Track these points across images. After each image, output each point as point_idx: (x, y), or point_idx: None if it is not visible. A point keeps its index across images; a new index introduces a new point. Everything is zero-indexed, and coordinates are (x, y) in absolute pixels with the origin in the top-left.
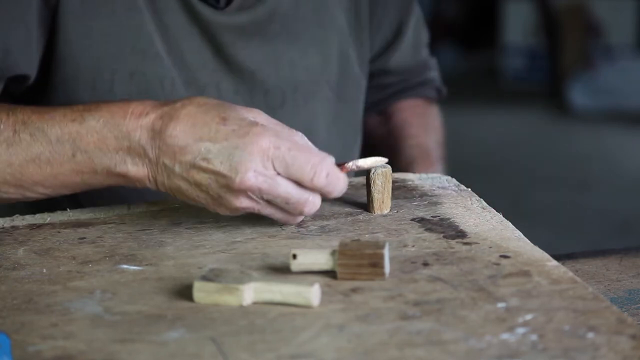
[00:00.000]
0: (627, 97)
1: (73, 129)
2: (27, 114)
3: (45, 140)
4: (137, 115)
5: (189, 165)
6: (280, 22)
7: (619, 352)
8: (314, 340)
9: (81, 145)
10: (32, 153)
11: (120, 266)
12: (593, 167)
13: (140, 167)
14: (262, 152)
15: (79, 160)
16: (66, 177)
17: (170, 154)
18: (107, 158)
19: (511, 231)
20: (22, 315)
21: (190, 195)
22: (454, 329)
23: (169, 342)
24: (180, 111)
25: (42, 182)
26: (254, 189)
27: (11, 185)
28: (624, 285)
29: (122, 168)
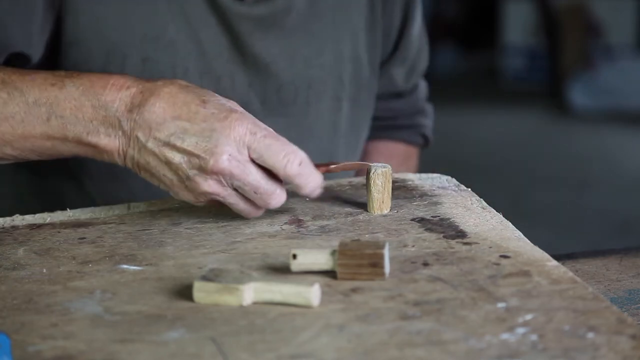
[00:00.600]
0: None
1: (52, 93)
2: (8, 73)
3: (22, 101)
4: (117, 87)
5: (163, 142)
6: (298, 18)
7: (619, 352)
8: (314, 340)
9: (57, 110)
10: (6, 111)
11: (120, 266)
12: (593, 167)
13: (112, 139)
14: (238, 137)
15: (53, 124)
16: (37, 140)
17: (145, 128)
18: (81, 126)
19: (511, 231)
20: (22, 315)
21: (157, 173)
22: (454, 329)
23: (169, 342)
24: (162, 89)
25: (11, 142)
26: (226, 173)
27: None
28: (624, 285)
29: (93, 138)
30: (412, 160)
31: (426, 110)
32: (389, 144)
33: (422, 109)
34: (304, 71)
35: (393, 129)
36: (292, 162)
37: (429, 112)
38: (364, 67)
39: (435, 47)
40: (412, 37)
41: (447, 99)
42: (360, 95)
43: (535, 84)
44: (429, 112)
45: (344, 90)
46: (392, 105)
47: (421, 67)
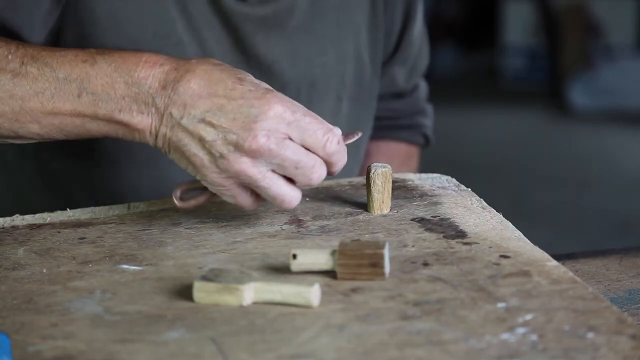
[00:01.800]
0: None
1: (83, 69)
2: (37, 49)
3: (53, 77)
4: (150, 64)
5: (198, 118)
6: (300, 17)
7: (619, 352)
8: (314, 340)
9: (88, 86)
10: (37, 87)
11: (120, 266)
12: (593, 167)
13: (145, 117)
14: (278, 114)
15: (84, 101)
16: (66, 117)
17: (180, 105)
18: (113, 102)
19: (511, 231)
20: (22, 315)
21: (188, 151)
22: (454, 329)
23: (169, 342)
24: (196, 66)
25: (39, 119)
26: (264, 150)
27: (7, 119)
28: (624, 285)
29: (125, 115)
30: (413, 160)
31: (426, 111)
32: (390, 143)
33: (423, 109)
34: (306, 71)
35: (394, 129)
36: (332, 141)
37: (429, 112)
38: (366, 67)
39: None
40: (413, 37)
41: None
42: (362, 95)
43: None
44: (429, 112)
45: (345, 90)
46: (392, 105)
47: (422, 67)
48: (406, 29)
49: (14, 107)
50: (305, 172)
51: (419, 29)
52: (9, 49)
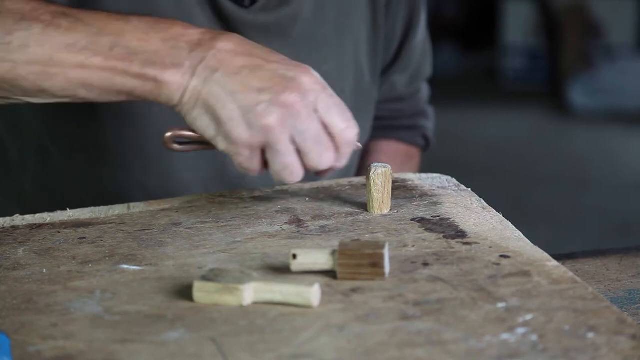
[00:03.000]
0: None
1: (117, 25)
2: (68, 8)
3: (85, 30)
4: (185, 26)
5: (234, 73)
6: (302, 26)
7: (619, 352)
8: (314, 341)
9: (122, 41)
10: (68, 39)
11: (120, 266)
12: (593, 167)
13: (177, 71)
14: (313, 82)
15: (116, 54)
16: (95, 71)
17: (216, 61)
18: (147, 55)
19: (511, 231)
20: (22, 315)
21: (218, 103)
22: (454, 329)
23: (169, 342)
24: (230, 34)
25: (67, 71)
26: (295, 109)
27: (34, 69)
28: (624, 285)
29: (157, 69)
30: (414, 161)
31: (427, 112)
32: (391, 143)
33: (424, 111)
34: None
35: (395, 129)
36: (352, 129)
37: (430, 114)
38: (365, 76)
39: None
40: (414, 46)
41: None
42: (361, 103)
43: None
44: (430, 114)
45: (345, 98)
46: (393, 106)
47: (424, 74)
48: (407, 38)
49: (43, 56)
50: (320, 151)
51: (421, 37)
52: (39, 4)
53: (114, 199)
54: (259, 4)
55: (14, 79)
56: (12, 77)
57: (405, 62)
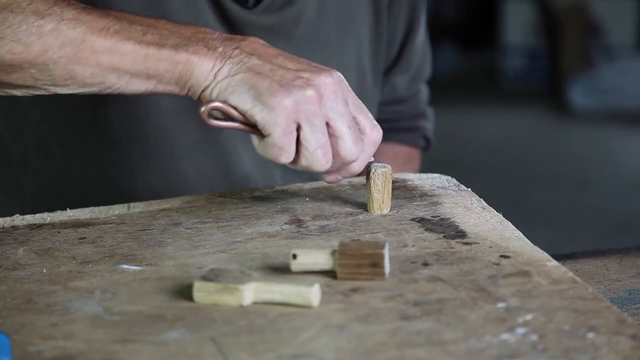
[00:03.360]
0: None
1: (147, 21)
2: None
3: (118, 18)
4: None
5: (269, 59)
6: (305, 27)
7: (619, 352)
8: (314, 341)
9: (155, 30)
10: (101, 23)
11: (120, 266)
12: (593, 167)
13: (211, 52)
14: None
15: (148, 39)
16: (126, 55)
17: (250, 49)
18: (180, 39)
19: (511, 231)
20: (22, 315)
21: (257, 76)
22: (454, 329)
23: (169, 342)
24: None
25: (98, 55)
26: (331, 89)
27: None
28: (624, 285)
29: (189, 50)
30: (415, 162)
31: (427, 114)
32: (392, 145)
33: (424, 112)
34: None
35: (395, 131)
36: (378, 131)
37: (430, 115)
38: (367, 76)
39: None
40: (415, 47)
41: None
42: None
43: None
44: (430, 115)
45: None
46: (393, 108)
47: (424, 75)
48: (408, 39)
49: (75, 38)
50: (354, 137)
51: (421, 38)
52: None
53: (118, 198)
54: (262, 5)
55: (44, 63)
56: (42, 61)
57: (407, 64)
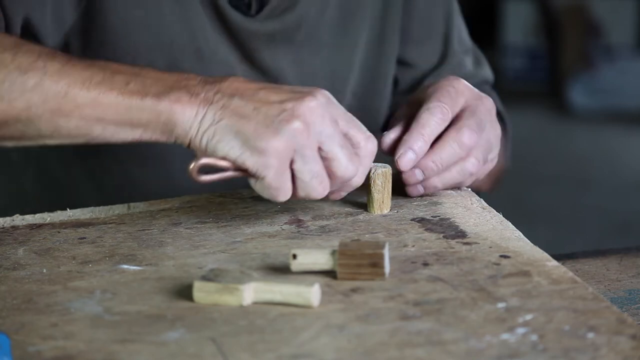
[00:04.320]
0: (627, 97)
1: (131, 69)
2: (81, 58)
3: (101, 69)
4: (193, 76)
5: (251, 95)
6: (307, 30)
7: (619, 352)
8: (314, 341)
9: (137, 79)
10: (84, 75)
11: (120, 266)
12: (593, 167)
13: (193, 99)
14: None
15: (131, 88)
16: (109, 107)
17: (231, 89)
18: (162, 88)
19: (511, 231)
20: (22, 315)
21: (243, 119)
22: (454, 329)
23: (169, 342)
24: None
25: (82, 108)
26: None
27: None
28: (624, 285)
29: (172, 98)
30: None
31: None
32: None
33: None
34: (312, 82)
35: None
36: (374, 141)
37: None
38: (373, 76)
39: None
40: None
41: None
42: (374, 102)
43: (535, 84)
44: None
45: (356, 98)
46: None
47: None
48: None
49: (58, 93)
50: (347, 156)
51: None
52: (54, 50)
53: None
54: (265, 11)
55: (29, 118)
56: (27, 117)
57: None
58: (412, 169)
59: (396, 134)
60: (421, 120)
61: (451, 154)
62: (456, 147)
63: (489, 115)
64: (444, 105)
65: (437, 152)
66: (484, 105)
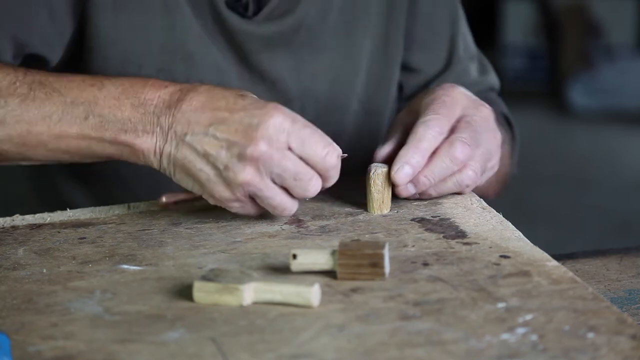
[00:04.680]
0: (627, 97)
1: (90, 93)
2: (45, 75)
3: (60, 101)
4: (156, 87)
5: (202, 133)
6: (306, 34)
7: (619, 352)
8: (314, 341)
9: (95, 109)
10: (44, 111)
11: (120, 266)
12: (593, 167)
13: (149, 137)
14: (278, 124)
15: (90, 123)
16: (72, 140)
17: (184, 122)
18: (119, 124)
19: (511, 231)
20: (22, 315)
21: (193, 168)
22: (454, 329)
23: (169, 342)
24: (199, 87)
25: (46, 143)
26: (265, 158)
27: (14, 143)
28: (624, 285)
29: (130, 136)
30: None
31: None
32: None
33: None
34: (311, 86)
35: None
36: (332, 154)
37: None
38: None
39: None
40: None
41: None
42: (379, 104)
43: (535, 84)
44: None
45: (360, 102)
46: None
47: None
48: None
49: (21, 131)
50: (303, 184)
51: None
52: (16, 76)
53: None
54: (262, 14)
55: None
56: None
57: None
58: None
59: (390, 147)
60: (417, 134)
61: (444, 168)
62: (448, 162)
63: (486, 124)
64: (441, 118)
65: (430, 167)
66: (481, 114)
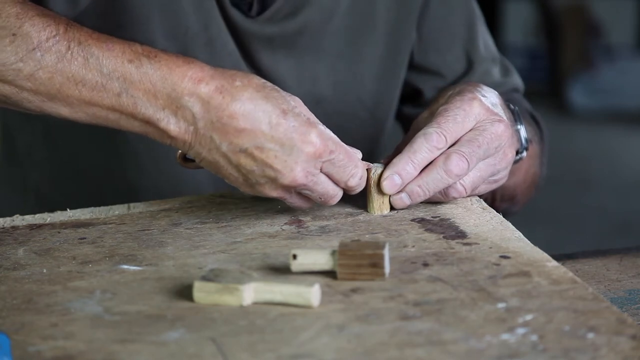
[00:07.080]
0: (627, 97)
1: (127, 70)
2: (85, 35)
3: (97, 70)
4: (195, 80)
5: (240, 148)
6: (309, 37)
7: (619, 352)
8: (314, 341)
9: (131, 89)
10: (79, 76)
11: (120, 266)
12: (593, 167)
13: (182, 131)
14: (317, 154)
15: (123, 101)
16: (101, 110)
17: (222, 132)
18: (153, 110)
19: (511, 231)
20: (22, 315)
21: (224, 170)
22: (454, 329)
23: (169, 342)
24: (242, 93)
25: (73, 105)
26: (298, 185)
27: (40, 99)
28: (624, 285)
29: (162, 123)
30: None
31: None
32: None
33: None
34: (312, 89)
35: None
36: (355, 177)
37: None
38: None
39: None
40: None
41: None
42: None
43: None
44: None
45: (365, 107)
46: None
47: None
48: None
49: (51, 89)
50: (326, 200)
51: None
52: (57, 28)
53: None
54: (265, 14)
55: (19, 101)
56: (16, 100)
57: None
58: (399, 192)
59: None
60: (414, 145)
61: (437, 180)
62: (443, 174)
63: (497, 141)
64: (442, 132)
65: (423, 177)
66: (493, 129)
